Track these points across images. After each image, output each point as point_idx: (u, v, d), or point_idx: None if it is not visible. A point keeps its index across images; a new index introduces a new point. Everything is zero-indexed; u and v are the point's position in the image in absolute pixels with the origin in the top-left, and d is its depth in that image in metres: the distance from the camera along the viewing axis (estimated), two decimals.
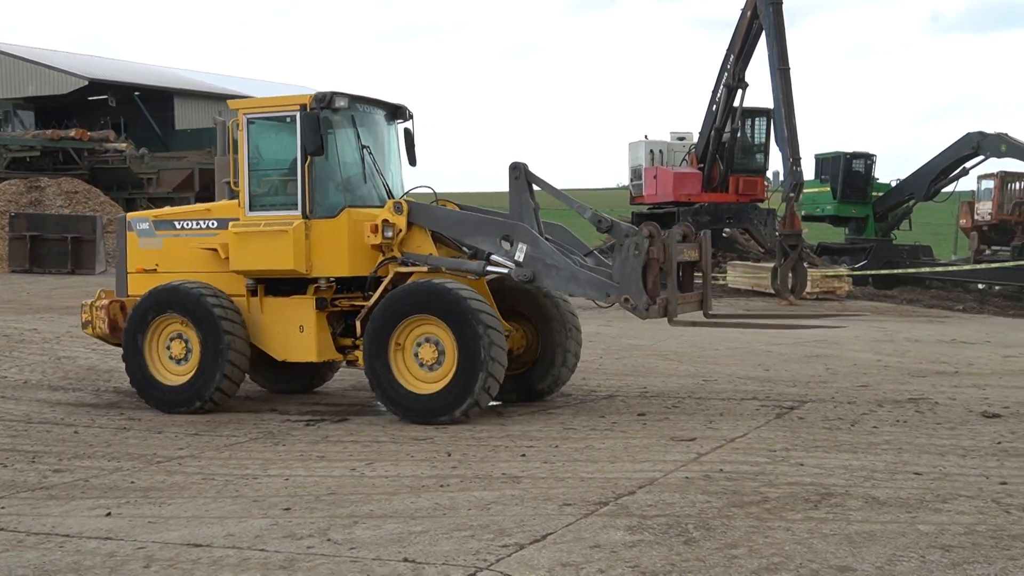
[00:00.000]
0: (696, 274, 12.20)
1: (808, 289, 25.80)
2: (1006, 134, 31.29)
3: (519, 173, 11.87)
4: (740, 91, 32.21)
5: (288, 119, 11.96)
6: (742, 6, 30.71)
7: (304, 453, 9.92)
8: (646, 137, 36.03)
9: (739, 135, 33.65)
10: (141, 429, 11.27)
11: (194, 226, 12.69)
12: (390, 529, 7.20)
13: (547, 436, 10.38)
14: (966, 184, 35.54)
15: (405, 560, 6.51)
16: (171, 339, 12.22)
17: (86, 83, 50.69)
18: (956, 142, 32.36)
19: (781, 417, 11.15)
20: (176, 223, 12.84)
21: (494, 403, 11.99)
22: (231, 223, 12.10)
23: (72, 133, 44.24)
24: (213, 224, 12.52)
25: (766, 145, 34.20)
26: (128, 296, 12.92)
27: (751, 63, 31.56)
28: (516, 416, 11.62)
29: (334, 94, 11.77)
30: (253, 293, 12.30)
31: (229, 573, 6.38)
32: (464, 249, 11.99)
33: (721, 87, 32.46)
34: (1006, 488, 8.03)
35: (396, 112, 13.00)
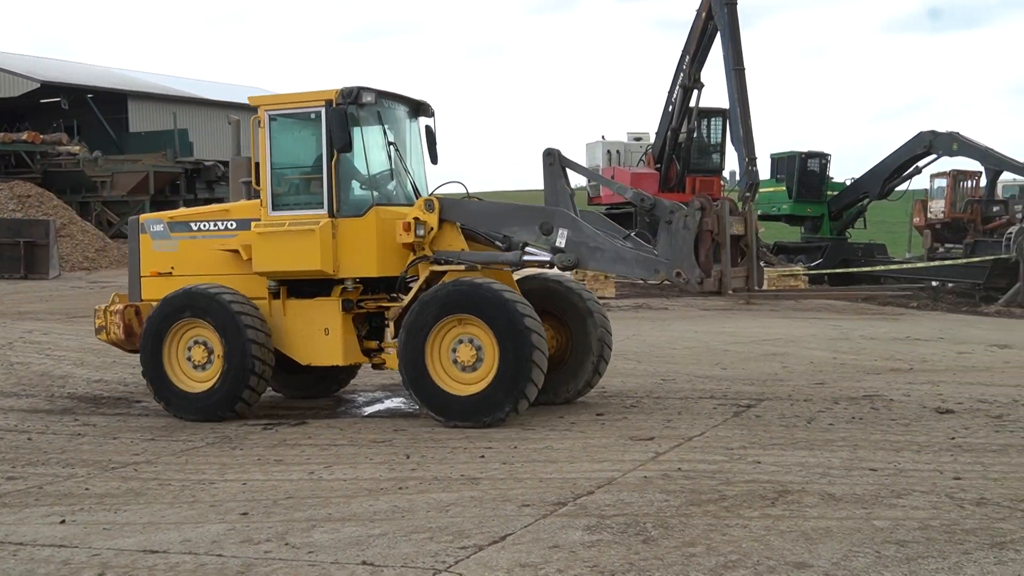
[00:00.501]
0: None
1: (764, 288, 25.95)
2: (958, 133, 31.68)
3: (553, 159, 11.64)
4: (696, 91, 32.42)
5: (313, 115, 11.67)
6: (697, 7, 30.90)
7: (262, 457, 9.85)
8: (603, 138, 36.17)
9: (695, 135, 33.86)
10: (96, 435, 11.14)
11: (212, 227, 12.34)
12: (348, 532, 7.17)
13: (506, 437, 10.37)
14: (919, 183, 36.00)
15: (363, 563, 6.49)
16: (192, 344, 11.85)
17: (38, 86, 50.07)
18: (909, 141, 32.74)
19: (739, 416, 11.22)
20: (192, 224, 12.47)
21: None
22: (253, 223, 11.77)
23: (24, 136, 43.65)
24: (232, 225, 12.19)
25: (722, 145, 34.45)
26: (142, 300, 12.56)
27: (706, 64, 31.78)
28: None
29: (361, 89, 11.43)
30: (275, 295, 11.97)
31: None
32: (497, 244, 11.79)
33: (677, 88, 32.64)
34: (960, 483, 8.12)
35: (419, 108, 12.70)
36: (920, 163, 33.13)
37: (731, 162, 36.72)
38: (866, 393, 12.65)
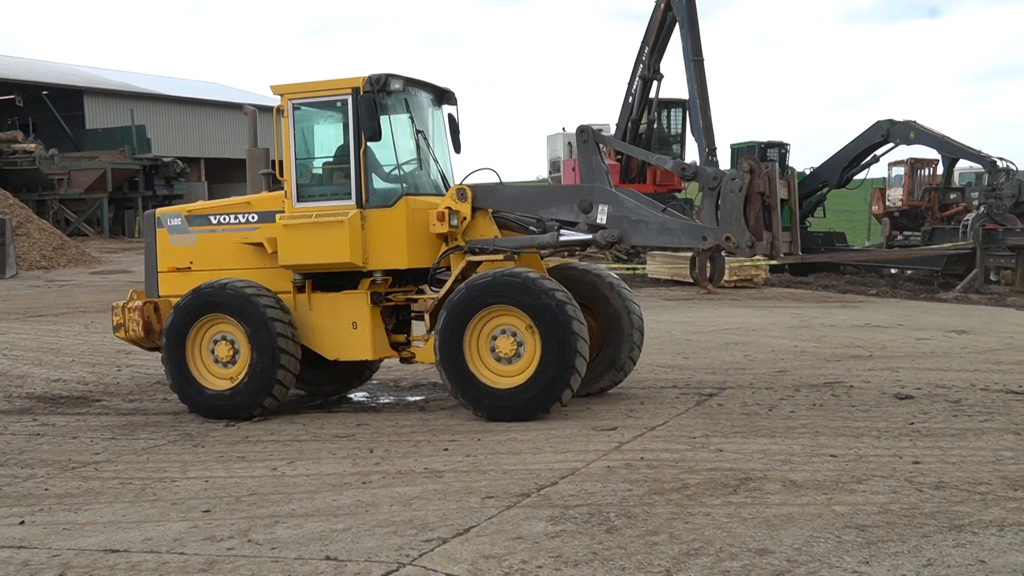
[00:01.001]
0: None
1: (726, 277, 26.10)
2: (915, 121, 31.91)
3: (587, 136, 11.50)
4: (656, 82, 32.51)
5: (339, 103, 11.44)
6: None
7: (224, 454, 9.80)
8: (564, 129, 36.25)
9: (655, 126, 33.94)
10: (55, 435, 11.02)
11: (232, 220, 12.06)
12: (312, 528, 7.15)
13: (469, 429, 10.38)
14: (878, 171, 36.24)
15: (327, 558, 6.48)
16: (216, 341, 11.61)
17: None
18: (867, 130, 32.93)
19: (701, 404, 11.27)
20: (212, 218, 12.15)
21: (416, 398, 11.94)
22: (277, 215, 11.54)
23: None
24: (254, 218, 11.94)
25: (682, 135, 34.57)
26: (160, 297, 12.31)
27: (666, 55, 31.87)
28: (439, 410, 11.60)
29: (389, 76, 11.20)
30: (300, 289, 11.75)
31: None
32: (531, 228, 11.67)
33: (637, 79, 32.72)
34: (919, 467, 8.21)
35: (443, 96, 12.49)
36: (878, 152, 33.31)
37: (691, 152, 36.79)
38: (827, 380, 12.75)
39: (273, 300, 11.47)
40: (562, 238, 11.40)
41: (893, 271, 32.59)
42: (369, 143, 11.19)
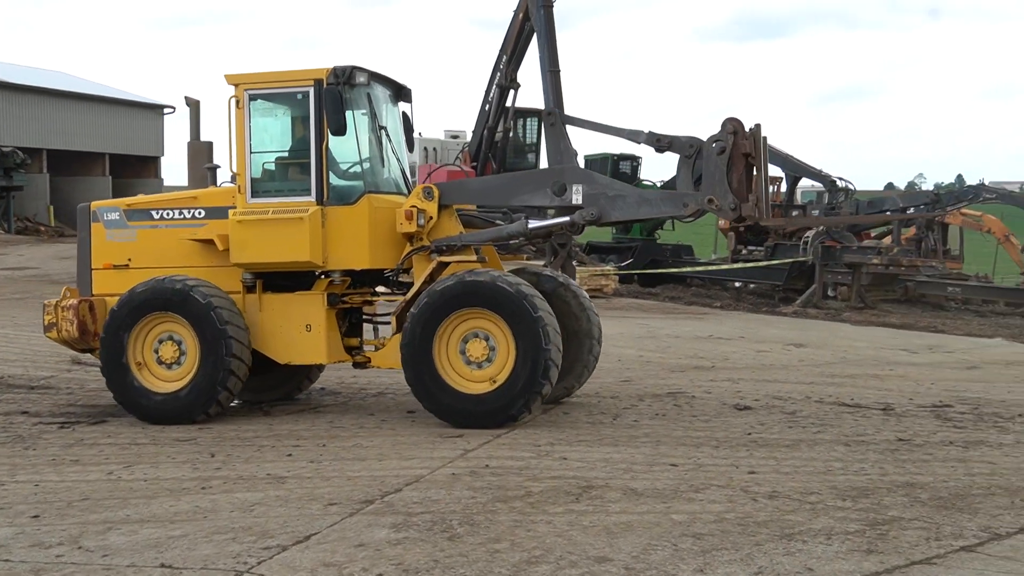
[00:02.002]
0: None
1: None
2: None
3: (554, 119, 11.25)
4: (512, 91, 32.65)
5: (299, 95, 10.99)
6: (515, 8, 31.15)
7: (57, 457, 9.45)
8: (420, 135, 36.09)
9: (511, 135, 34.11)
10: None
11: (177, 215, 11.45)
12: (147, 534, 6.96)
13: (315, 435, 10.26)
14: None
15: (162, 566, 6.32)
16: (160, 341, 11.04)
17: None
18: None
19: (547, 412, 11.37)
20: (154, 212, 11.53)
21: (235, 403, 11.68)
22: (229, 211, 11.01)
23: None
24: (201, 213, 11.36)
25: (537, 145, 34.81)
26: (94, 295, 11.61)
27: (523, 64, 32.04)
28: (283, 415, 11.43)
29: (354, 68, 10.82)
30: (250, 289, 11.23)
31: None
32: (497, 223, 11.36)
33: (494, 87, 32.79)
34: (754, 477, 8.45)
35: (400, 92, 12.09)
36: None
37: (546, 162, 37.21)
38: (670, 390, 13.03)
39: (226, 301, 10.98)
40: (531, 225, 11.18)
41: (737, 284, 33.52)
42: (334, 137, 10.83)
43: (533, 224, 11.23)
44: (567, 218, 11.10)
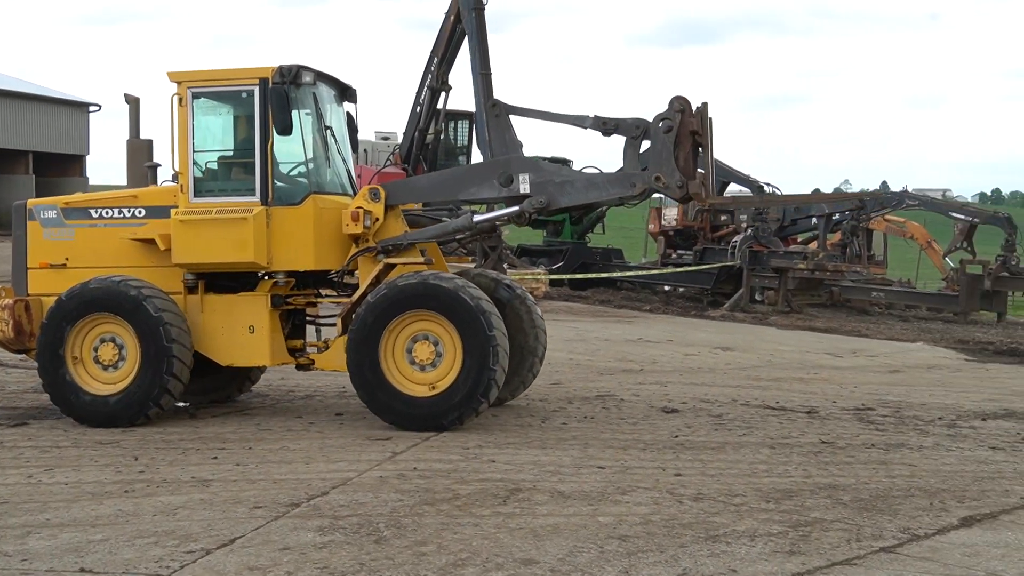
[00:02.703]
0: None
1: None
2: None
3: (499, 110, 11.15)
4: (444, 94, 32.63)
5: (244, 94, 10.80)
6: (446, 9, 31.13)
7: None
8: None
9: (442, 137, 34.07)
10: None
11: (116, 214, 11.20)
12: (67, 538, 6.84)
13: (241, 438, 10.16)
14: None
15: (82, 570, 6.22)
16: (99, 342, 10.78)
17: None
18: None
19: (476, 415, 11.36)
20: (92, 211, 11.27)
21: (181, 404, 11.56)
22: (172, 211, 10.78)
23: None
24: (141, 212, 11.12)
25: (468, 147, 34.81)
26: (29, 295, 11.31)
27: (455, 66, 32.02)
28: (209, 417, 11.30)
29: (300, 67, 10.65)
30: (191, 290, 11.02)
31: None
32: (444, 219, 11.22)
33: (425, 89, 32.74)
34: (680, 479, 8.53)
35: (345, 92, 11.93)
36: None
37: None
38: (598, 393, 13.10)
39: (168, 302, 10.79)
40: (476, 219, 11.11)
41: (666, 288, 33.77)
42: (279, 137, 10.68)
43: (479, 218, 11.19)
44: (515, 208, 11.05)
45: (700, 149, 10.79)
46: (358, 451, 9.53)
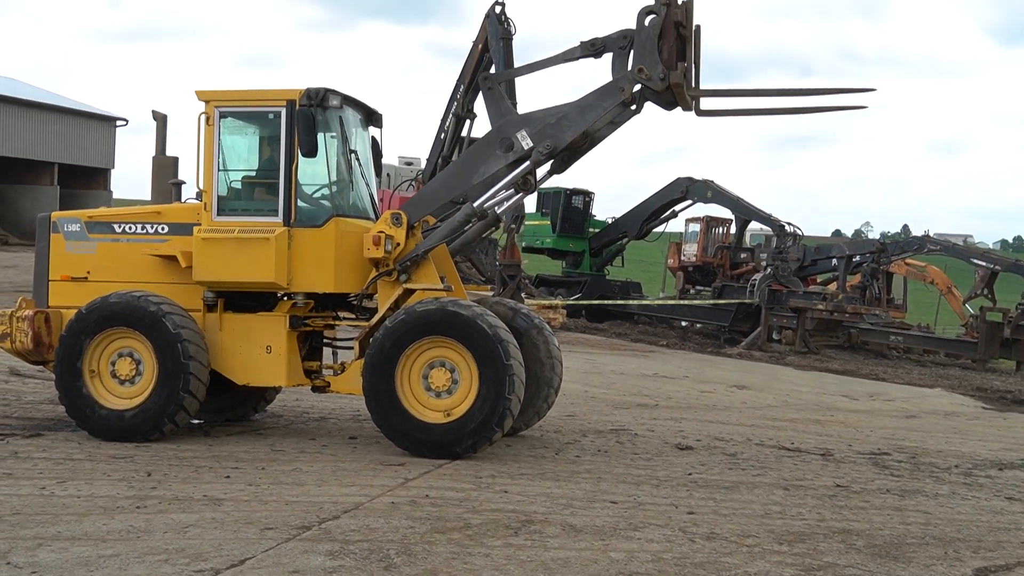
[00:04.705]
0: None
1: None
2: (712, 181, 33.21)
3: (491, 83, 11.28)
4: (468, 121, 32.75)
5: (271, 115, 10.86)
6: (474, 38, 31.30)
7: None
8: None
9: None
10: None
11: (139, 230, 11.27)
12: (78, 552, 6.84)
13: (254, 458, 10.15)
14: (675, 226, 37.51)
15: None
16: (117, 357, 10.84)
17: None
18: (667, 186, 34.07)
19: (490, 444, 11.34)
20: (116, 226, 11.34)
21: (196, 421, 11.58)
22: (194, 228, 10.86)
23: None
24: (164, 229, 11.20)
25: None
26: (50, 307, 11.38)
27: (480, 95, 32.11)
28: (223, 436, 11.31)
29: (327, 91, 10.73)
30: (211, 308, 11.09)
31: None
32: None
33: (450, 116, 32.90)
34: (693, 518, 8.48)
35: (371, 117, 12.00)
36: (677, 207, 34.54)
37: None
38: (613, 427, 13.05)
39: (187, 319, 10.83)
40: (477, 202, 11.04)
41: (683, 324, 33.71)
42: (303, 159, 10.72)
43: (480, 200, 11.11)
44: (526, 164, 10.99)
45: (685, 41, 10.76)
46: (371, 476, 9.52)
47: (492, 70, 30.28)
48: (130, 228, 11.38)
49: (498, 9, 28.93)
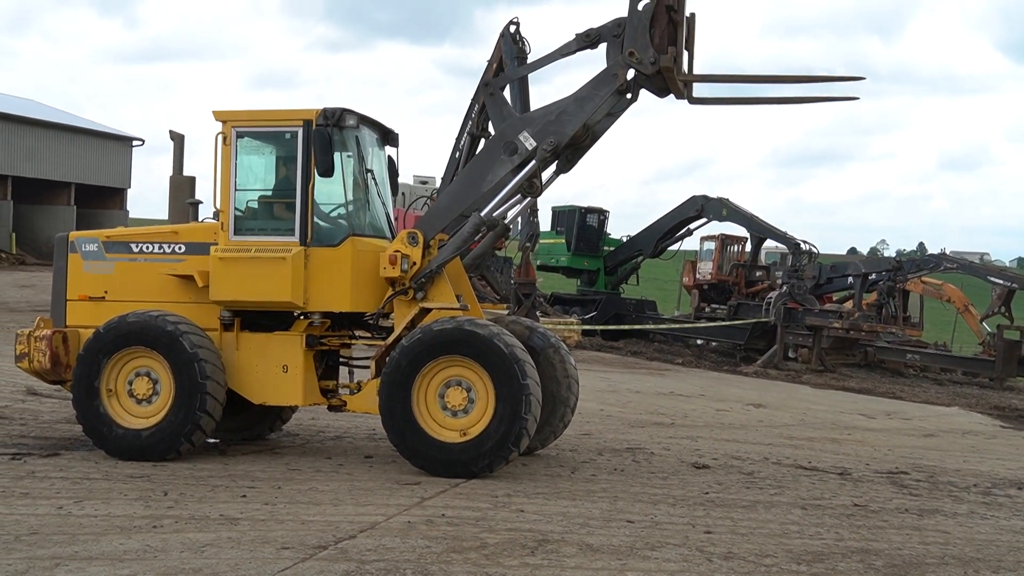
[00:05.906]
0: None
1: None
2: (727, 199, 33.20)
3: (492, 88, 11.44)
4: (483, 140, 32.80)
5: (288, 135, 10.93)
6: (489, 57, 31.38)
7: (6, 489, 9.29)
8: None
9: None
10: None
11: (156, 250, 11.33)
12: (95, 572, 6.84)
13: (270, 477, 10.16)
14: (690, 244, 37.51)
15: None
16: (134, 376, 10.87)
17: None
18: (682, 204, 34.09)
19: (507, 463, 11.32)
20: (133, 246, 11.41)
21: (212, 440, 11.59)
22: (211, 248, 10.92)
23: None
24: (181, 248, 11.26)
25: None
26: (67, 327, 11.44)
27: None
28: (239, 455, 11.31)
29: (344, 111, 10.81)
30: (227, 327, 11.13)
31: None
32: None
33: (465, 134, 32.91)
34: (710, 537, 8.44)
35: (387, 137, 12.06)
36: (692, 225, 34.55)
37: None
38: (629, 446, 13.02)
39: (204, 339, 10.86)
40: (485, 210, 11.04)
41: (699, 342, 33.66)
42: (320, 179, 10.77)
43: (488, 208, 11.11)
44: (532, 164, 11.00)
45: (676, 26, 10.76)
46: (387, 495, 9.51)
47: (507, 89, 30.45)
48: (147, 248, 11.43)
49: (512, 28, 29.00)
